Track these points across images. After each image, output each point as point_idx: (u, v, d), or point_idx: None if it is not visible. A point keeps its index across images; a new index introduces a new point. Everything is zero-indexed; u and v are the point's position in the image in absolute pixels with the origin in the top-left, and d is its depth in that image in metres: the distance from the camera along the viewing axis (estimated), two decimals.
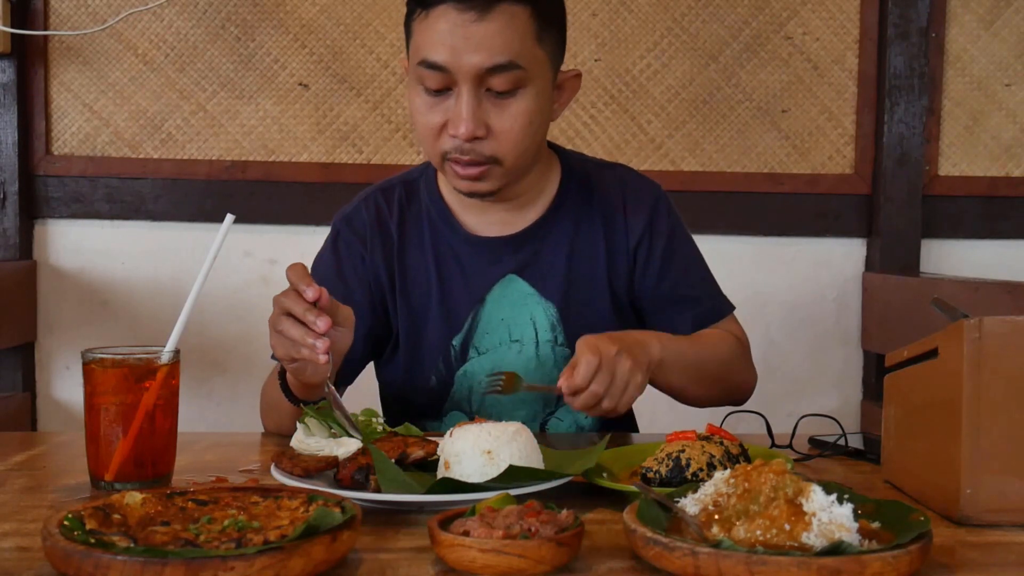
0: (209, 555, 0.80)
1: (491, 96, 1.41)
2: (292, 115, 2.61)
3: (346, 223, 1.63)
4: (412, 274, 1.58)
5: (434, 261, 1.57)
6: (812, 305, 2.70)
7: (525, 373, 1.51)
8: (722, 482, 0.94)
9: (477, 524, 0.89)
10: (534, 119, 1.44)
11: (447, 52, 1.38)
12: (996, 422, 1.01)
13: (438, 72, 1.40)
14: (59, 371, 2.63)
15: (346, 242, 1.61)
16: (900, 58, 2.62)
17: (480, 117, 1.41)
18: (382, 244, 1.59)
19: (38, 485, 1.19)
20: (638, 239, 1.59)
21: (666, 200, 1.63)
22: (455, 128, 1.41)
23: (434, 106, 1.43)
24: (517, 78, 1.40)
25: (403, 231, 1.60)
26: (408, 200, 1.61)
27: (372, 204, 1.62)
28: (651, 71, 2.62)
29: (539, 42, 1.42)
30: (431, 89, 1.42)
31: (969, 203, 2.70)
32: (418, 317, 1.57)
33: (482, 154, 1.43)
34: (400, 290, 1.58)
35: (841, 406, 2.69)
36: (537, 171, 1.56)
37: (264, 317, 1.32)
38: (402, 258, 1.59)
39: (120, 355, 1.15)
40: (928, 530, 0.88)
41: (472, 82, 1.39)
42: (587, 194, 1.60)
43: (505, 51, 1.38)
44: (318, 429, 1.24)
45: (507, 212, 1.57)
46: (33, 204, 2.60)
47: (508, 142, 1.43)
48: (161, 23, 2.59)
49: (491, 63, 1.38)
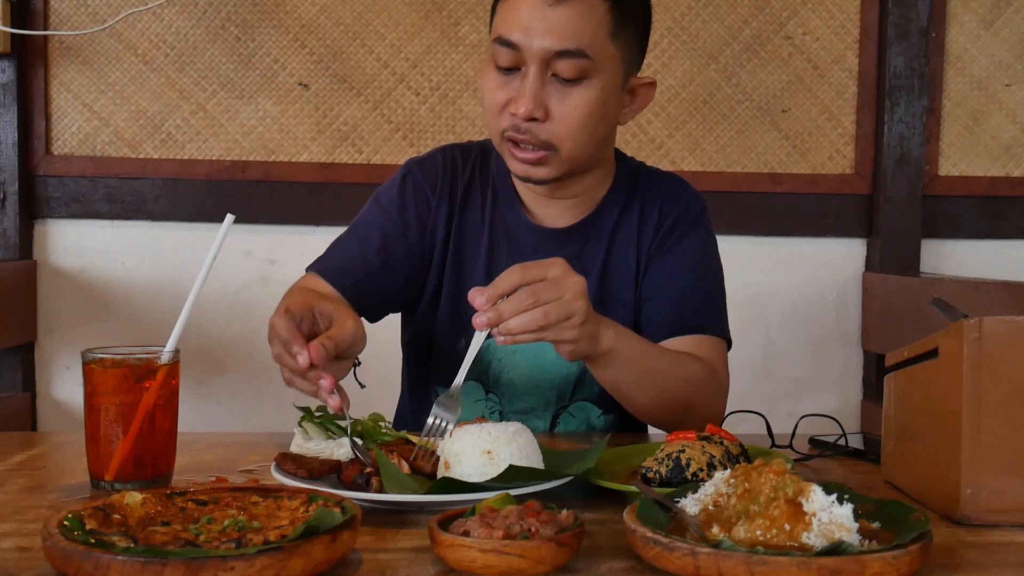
0: (209, 555, 0.80)
1: (556, 81, 1.43)
2: (292, 115, 2.61)
3: (418, 165, 1.64)
4: (466, 235, 1.60)
5: (488, 231, 1.59)
6: (812, 305, 2.70)
7: (544, 364, 1.54)
8: (722, 482, 0.94)
9: (477, 524, 0.89)
10: (595, 112, 1.45)
11: (521, 31, 1.41)
12: (996, 422, 1.01)
13: (509, 50, 1.43)
14: (59, 371, 2.64)
15: (415, 183, 1.62)
16: (900, 58, 2.62)
17: (541, 99, 1.43)
18: (449, 195, 1.61)
19: (38, 485, 1.19)
20: (658, 240, 1.59)
21: (700, 210, 1.62)
22: (516, 106, 1.43)
23: (503, 84, 1.46)
24: (583, 67, 1.42)
25: (469, 192, 1.62)
26: (482, 165, 1.64)
27: (449, 156, 1.64)
28: (651, 71, 2.62)
29: (613, 38, 1.44)
30: (502, 67, 1.45)
31: (969, 203, 2.70)
32: (462, 279, 1.58)
33: (538, 137, 1.45)
34: (453, 247, 1.59)
35: (841, 406, 2.69)
36: (598, 174, 1.58)
37: (264, 317, 1.32)
38: (462, 215, 1.60)
39: (120, 355, 1.15)
40: (928, 530, 0.88)
41: (539, 64, 1.42)
42: (631, 196, 1.61)
43: (575, 38, 1.41)
44: (316, 433, 1.25)
45: (565, 208, 1.59)
46: (33, 204, 2.60)
47: (564, 129, 1.44)
48: (161, 23, 2.59)
49: (559, 47, 1.41)
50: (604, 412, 1.59)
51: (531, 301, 1.19)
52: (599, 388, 1.56)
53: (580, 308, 1.22)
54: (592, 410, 1.59)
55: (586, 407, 1.58)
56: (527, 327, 1.19)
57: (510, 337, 1.20)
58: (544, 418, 1.57)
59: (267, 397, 2.60)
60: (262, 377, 2.60)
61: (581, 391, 1.58)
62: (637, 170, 1.65)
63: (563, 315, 1.20)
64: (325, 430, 1.25)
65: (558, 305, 1.20)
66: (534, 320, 1.19)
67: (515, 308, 1.18)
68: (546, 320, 1.19)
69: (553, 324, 1.20)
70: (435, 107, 2.62)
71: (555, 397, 1.58)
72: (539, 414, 1.57)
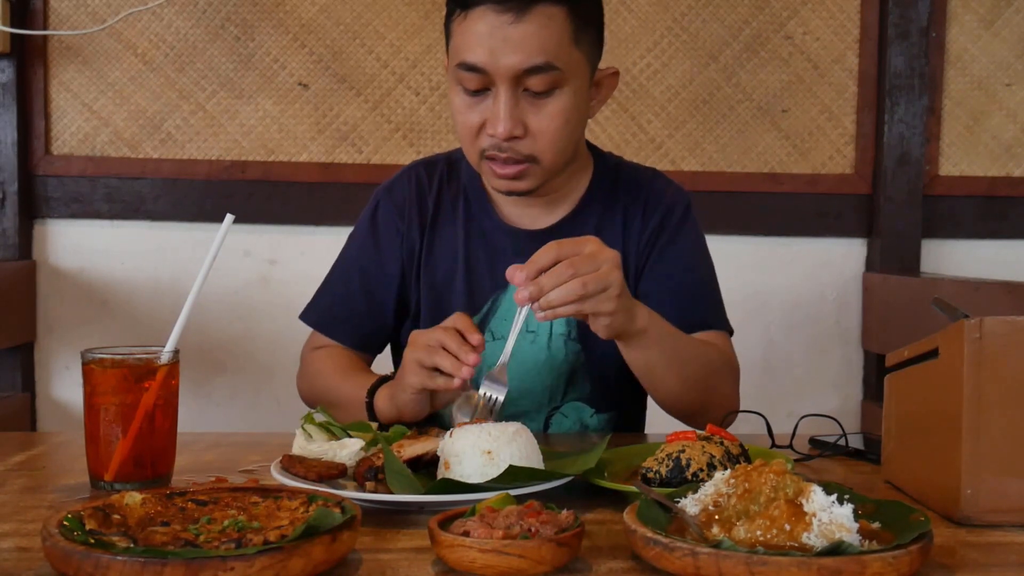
0: (209, 555, 0.80)
1: (528, 96, 1.43)
2: (292, 115, 2.61)
3: (386, 193, 1.66)
4: (441, 249, 1.61)
5: (464, 241, 1.60)
6: (812, 305, 2.70)
7: (536, 364, 1.55)
8: (722, 482, 0.94)
9: (477, 524, 0.89)
10: (571, 118, 1.46)
11: (485, 54, 1.40)
12: (996, 422, 1.01)
13: (476, 74, 1.42)
14: (59, 371, 2.63)
15: (384, 212, 1.64)
16: (900, 58, 2.62)
17: (517, 117, 1.43)
18: (419, 215, 1.62)
19: (38, 485, 1.19)
20: (647, 238, 1.59)
21: (686, 206, 1.62)
22: (493, 128, 1.43)
23: (473, 106, 1.45)
24: (554, 79, 1.42)
25: (439, 206, 1.63)
26: (449, 177, 1.64)
27: (414, 177, 1.65)
28: (651, 71, 2.62)
29: (576, 43, 1.44)
30: (470, 90, 1.44)
31: (969, 203, 2.70)
32: (441, 293, 1.60)
33: (520, 153, 1.45)
34: (426, 262, 1.61)
35: (841, 406, 2.69)
36: (572, 169, 1.58)
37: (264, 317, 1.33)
38: (434, 231, 1.61)
39: (120, 355, 1.15)
40: (928, 530, 0.88)
41: (509, 83, 1.41)
42: (613, 195, 1.61)
43: (542, 52, 1.40)
44: (318, 435, 1.25)
45: (540, 207, 1.59)
46: (33, 204, 2.60)
47: (545, 141, 1.45)
48: (161, 23, 2.58)
49: (528, 64, 1.40)
50: (597, 411, 1.59)
51: (569, 273, 1.23)
52: (591, 387, 1.57)
53: (616, 280, 1.26)
54: (585, 410, 1.59)
55: (579, 407, 1.58)
56: (566, 298, 1.23)
57: (551, 311, 1.24)
58: (537, 419, 1.57)
59: (267, 397, 2.60)
60: (262, 377, 2.60)
61: (573, 391, 1.58)
62: (617, 168, 1.65)
63: (600, 286, 1.24)
64: (327, 432, 1.25)
65: (596, 277, 1.24)
66: (573, 291, 1.22)
67: (554, 281, 1.23)
68: (584, 290, 1.23)
69: (591, 295, 1.24)
70: (435, 107, 2.62)
71: (547, 398, 1.58)
72: (532, 416, 1.57)
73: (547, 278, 1.23)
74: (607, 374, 1.56)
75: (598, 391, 1.58)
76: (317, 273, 1.71)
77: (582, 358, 1.56)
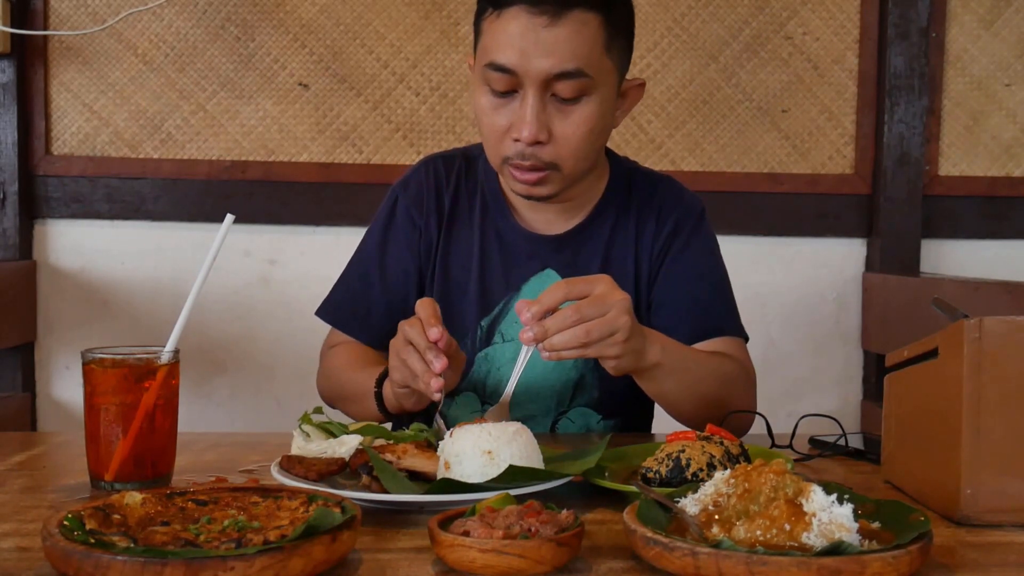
0: (209, 555, 0.80)
1: (555, 101, 1.42)
2: (292, 115, 2.61)
3: (403, 188, 1.64)
4: (456, 247, 1.60)
5: (479, 241, 1.59)
6: (812, 305, 2.70)
7: (544, 368, 1.53)
8: (722, 482, 0.94)
9: (477, 524, 0.89)
10: (595, 127, 1.44)
11: (516, 55, 1.38)
12: (996, 422, 1.01)
13: (505, 75, 1.40)
14: (59, 371, 2.63)
15: (402, 208, 1.63)
16: (900, 58, 2.62)
17: (544, 121, 1.41)
18: (436, 209, 1.61)
19: (38, 485, 1.19)
20: (661, 245, 1.58)
21: (700, 213, 1.62)
22: (518, 131, 1.41)
23: (500, 107, 1.44)
24: (583, 86, 1.40)
25: (456, 203, 1.61)
26: (466, 174, 1.63)
27: (431, 170, 1.64)
28: (651, 71, 2.62)
29: (607, 51, 1.42)
30: (497, 91, 1.43)
31: (969, 203, 2.70)
32: (453, 291, 1.59)
33: (542, 159, 1.44)
34: (441, 260, 1.60)
35: (841, 406, 2.69)
36: (592, 176, 1.57)
37: (264, 317, 1.33)
38: (450, 228, 1.60)
39: (120, 355, 1.15)
40: (928, 530, 0.88)
41: (538, 86, 1.40)
42: (627, 202, 1.60)
43: (573, 58, 1.38)
44: (316, 434, 1.25)
45: (557, 212, 1.58)
46: (33, 204, 2.60)
47: (568, 148, 1.44)
48: (161, 23, 2.59)
49: (559, 69, 1.38)
50: (604, 417, 1.58)
51: (575, 318, 1.21)
52: (598, 393, 1.56)
53: (624, 325, 1.24)
54: (592, 415, 1.58)
55: (586, 412, 1.58)
56: (570, 344, 1.22)
57: (554, 353, 1.23)
58: (543, 424, 1.57)
59: (267, 397, 2.60)
60: (262, 377, 2.61)
61: (580, 397, 1.57)
62: (632, 173, 1.64)
63: (606, 332, 1.23)
64: (325, 431, 1.25)
65: (601, 323, 1.22)
66: (576, 337, 1.22)
67: (559, 325, 1.22)
68: (588, 338, 1.22)
69: (595, 341, 1.23)
70: (435, 107, 2.62)
71: (554, 404, 1.57)
72: (539, 420, 1.56)
73: (552, 321, 1.22)
74: (615, 381, 1.55)
75: (605, 397, 1.57)
76: (317, 273, 1.71)
77: (590, 364, 1.55)
